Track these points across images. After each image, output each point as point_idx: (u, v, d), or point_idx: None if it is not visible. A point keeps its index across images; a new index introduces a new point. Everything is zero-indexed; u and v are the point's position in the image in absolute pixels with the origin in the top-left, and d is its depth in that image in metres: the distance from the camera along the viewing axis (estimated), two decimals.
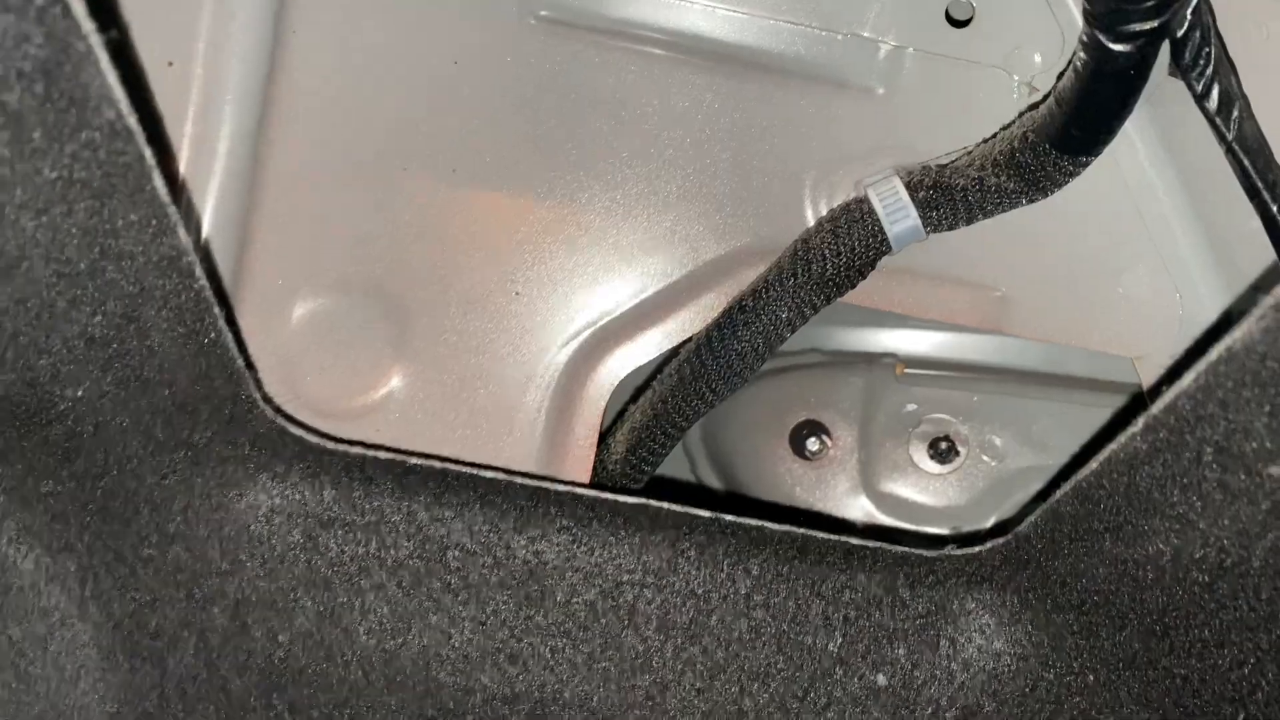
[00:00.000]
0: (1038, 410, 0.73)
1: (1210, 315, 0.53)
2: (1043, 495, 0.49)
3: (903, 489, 0.74)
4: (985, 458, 0.74)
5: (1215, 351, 0.35)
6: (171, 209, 0.38)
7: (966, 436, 0.74)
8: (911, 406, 0.75)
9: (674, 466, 0.78)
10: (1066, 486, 0.46)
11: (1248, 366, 0.35)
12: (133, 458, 0.49)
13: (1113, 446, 0.42)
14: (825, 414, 0.76)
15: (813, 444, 0.75)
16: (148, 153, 0.35)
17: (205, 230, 0.54)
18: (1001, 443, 0.73)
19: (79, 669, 0.52)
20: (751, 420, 0.78)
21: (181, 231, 0.39)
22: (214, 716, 0.53)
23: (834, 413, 0.76)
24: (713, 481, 0.80)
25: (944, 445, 0.74)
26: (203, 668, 0.53)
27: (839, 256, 0.54)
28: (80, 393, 0.45)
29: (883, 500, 0.74)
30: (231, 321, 0.47)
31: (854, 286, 0.55)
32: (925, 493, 0.74)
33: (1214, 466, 0.39)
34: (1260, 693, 0.46)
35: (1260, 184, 0.44)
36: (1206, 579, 0.44)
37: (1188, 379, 0.37)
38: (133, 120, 0.34)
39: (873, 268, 0.55)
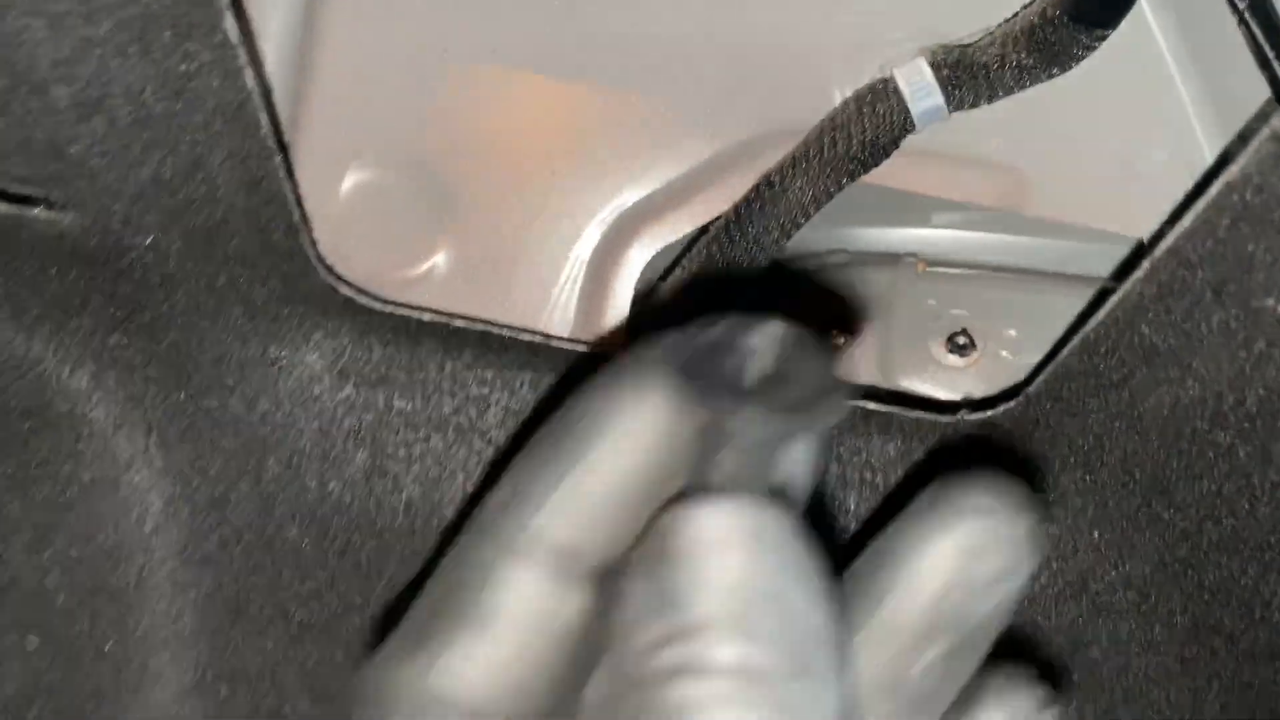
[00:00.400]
0: (1053, 307, 0.75)
1: None
2: (1054, 354, 0.51)
3: (921, 382, 0.77)
4: (1002, 352, 0.76)
5: (1214, 188, 0.38)
6: (241, 51, 0.40)
7: (983, 331, 0.76)
8: (931, 302, 0.77)
9: None
10: (1074, 341, 0.48)
11: (1246, 199, 0.37)
12: (195, 311, 0.52)
13: (1117, 296, 0.44)
14: (850, 311, 0.79)
15: (835, 338, 0.78)
16: None
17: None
18: (1017, 336, 0.76)
19: (144, 512, 0.55)
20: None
21: (248, 75, 0.42)
22: (270, 560, 0.56)
23: (858, 310, 0.79)
24: None
25: (961, 340, 0.76)
26: (258, 515, 0.56)
27: (864, 134, 0.56)
28: (149, 241, 0.48)
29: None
30: (291, 176, 0.49)
31: (878, 164, 0.58)
32: (942, 386, 0.77)
33: (1212, 307, 0.41)
34: (1253, 539, 0.49)
35: (1270, 54, 0.46)
36: (1205, 426, 0.47)
37: (1187, 219, 0.40)
38: None
39: (896, 146, 0.57)
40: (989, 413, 0.54)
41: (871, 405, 0.56)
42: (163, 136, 0.43)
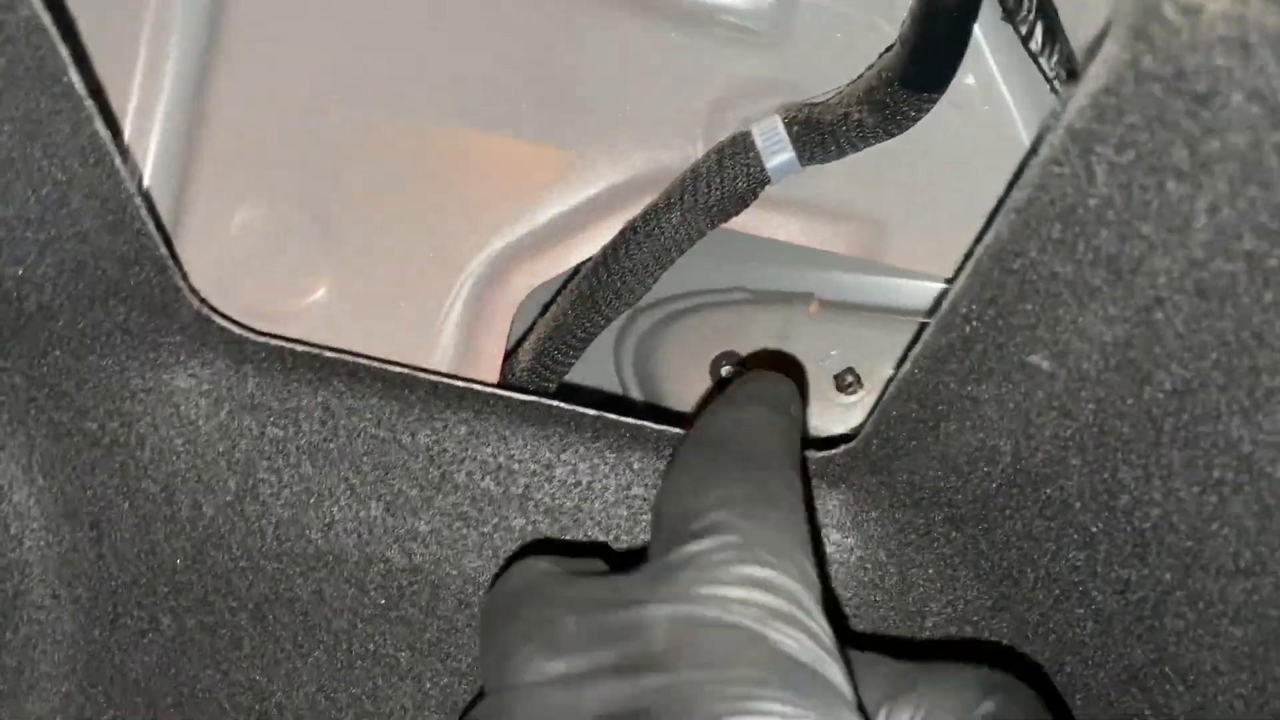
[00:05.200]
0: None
1: None
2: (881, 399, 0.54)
3: (809, 416, 0.80)
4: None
5: (978, 251, 0.40)
6: (89, 102, 0.43)
7: (870, 371, 0.79)
8: (821, 342, 0.80)
9: (604, 382, 0.84)
10: (891, 388, 0.51)
11: (1004, 264, 0.40)
12: (72, 338, 0.55)
13: (918, 346, 0.47)
14: (743, 346, 0.82)
15: (727, 374, 0.81)
16: (63, 49, 0.41)
17: (153, 149, 0.61)
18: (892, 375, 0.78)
19: (23, 530, 0.58)
20: (678, 350, 0.83)
21: (99, 124, 0.45)
22: (145, 577, 0.59)
23: (751, 345, 0.82)
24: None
25: (849, 378, 0.79)
26: (135, 533, 0.59)
27: (723, 185, 0.59)
28: (22, 271, 0.51)
29: None
30: (158, 221, 0.52)
31: (737, 214, 0.60)
32: (830, 420, 0.79)
33: (993, 361, 0.44)
34: (1063, 580, 0.51)
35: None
36: (1010, 473, 0.49)
37: (961, 279, 0.42)
38: (46, 18, 0.40)
39: (754, 197, 0.60)
40: (830, 452, 0.57)
41: None
42: (22, 179, 0.46)
